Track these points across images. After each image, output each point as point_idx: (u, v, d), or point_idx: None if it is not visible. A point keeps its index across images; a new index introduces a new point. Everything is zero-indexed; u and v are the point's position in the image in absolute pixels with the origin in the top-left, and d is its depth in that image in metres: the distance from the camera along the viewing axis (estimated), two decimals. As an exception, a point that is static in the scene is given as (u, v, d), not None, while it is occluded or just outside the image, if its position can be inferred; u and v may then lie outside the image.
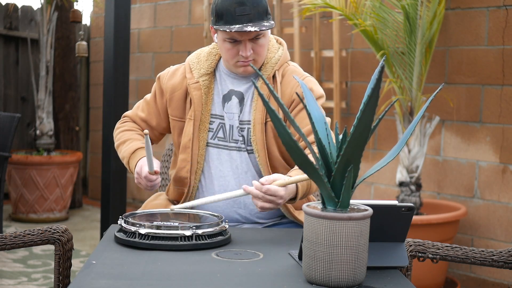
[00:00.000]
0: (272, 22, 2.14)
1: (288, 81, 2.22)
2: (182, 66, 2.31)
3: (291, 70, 2.24)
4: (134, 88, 6.05)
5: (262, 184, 1.94)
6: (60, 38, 6.10)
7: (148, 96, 2.37)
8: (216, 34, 2.20)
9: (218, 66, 2.29)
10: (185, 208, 2.04)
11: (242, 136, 2.21)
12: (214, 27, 2.15)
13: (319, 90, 2.24)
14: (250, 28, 2.07)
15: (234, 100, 2.23)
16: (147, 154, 2.07)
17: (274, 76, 2.22)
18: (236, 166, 2.21)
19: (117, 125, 2.41)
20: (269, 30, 2.21)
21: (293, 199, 2.07)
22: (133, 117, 2.38)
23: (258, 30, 2.08)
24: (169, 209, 2.10)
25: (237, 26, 2.08)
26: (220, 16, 2.11)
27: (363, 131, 1.45)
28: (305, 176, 1.95)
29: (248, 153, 2.21)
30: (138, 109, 2.39)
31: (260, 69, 2.23)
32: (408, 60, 3.81)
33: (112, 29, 3.90)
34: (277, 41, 2.32)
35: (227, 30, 2.09)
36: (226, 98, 2.24)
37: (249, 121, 2.21)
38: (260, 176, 2.19)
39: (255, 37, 2.13)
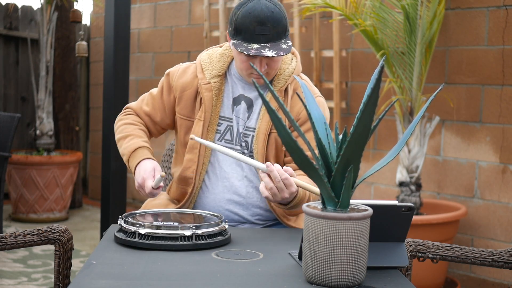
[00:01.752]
0: (290, 43, 2.12)
1: (298, 99, 2.22)
2: (193, 65, 2.29)
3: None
4: (134, 88, 6.05)
5: (285, 171, 1.95)
6: (60, 38, 6.10)
7: (154, 91, 2.34)
8: (231, 42, 2.18)
9: (229, 69, 2.28)
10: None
11: (246, 142, 2.21)
12: (232, 41, 2.13)
13: (325, 113, 2.24)
14: (268, 53, 2.06)
15: (243, 105, 2.24)
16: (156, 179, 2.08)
17: (286, 89, 2.23)
18: (242, 169, 2.22)
19: (119, 117, 2.37)
20: None
21: (284, 204, 2.07)
22: (137, 110, 2.35)
23: (275, 55, 2.07)
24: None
25: (255, 46, 2.06)
26: (239, 32, 2.09)
27: (363, 131, 1.45)
28: (315, 189, 1.96)
29: (252, 158, 2.21)
30: (143, 102, 2.35)
31: (272, 79, 2.23)
32: (408, 60, 3.81)
33: (112, 29, 3.90)
34: None
35: (245, 53, 2.07)
36: (236, 102, 2.24)
37: (254, 129, 2.21)
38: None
39: None
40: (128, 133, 2.28)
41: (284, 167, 1.98)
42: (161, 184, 2.11)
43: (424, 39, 3.74)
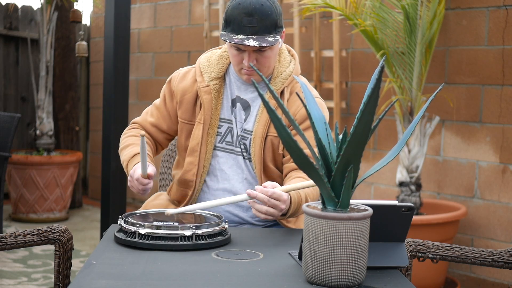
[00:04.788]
0: (278, 37, 2.11)
1: (294, 100, 2.22)
2: (192, 69, 2.30)
3: (299, 88, 2.23)
4: (134, 88, 6.05)
5: (265, 188, 1.93)
6: (60, 38, 6.10)
7: (157, 101, 2.36)
8: (220, 33, 2.20)
9: (228, 70, 2.28)
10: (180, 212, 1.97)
11: (244, 144, 2.21)
12: (221, 32, 2.14)
13: (324, 114, 2.22)
14: (251, 43, 2.06)
15: (238, 107, 2.24)
16: (141, 157, 2.03)
17: (282, 92, 2.22)
18: (242, 171, 2.22)
19: (125, 131, 2.38)
20: (281, 41, 2.19)
21: (284, 214, 2.05)
22: (143, 123, 2.36)
23: (258, 45, 2.07)
24: (169, 209, 2.09)
25: (240, 37, 2.07)
26: (228, 23, 2.11)
27: (363, 131, 1.45)
28: (307, 183, 1.95)
29: (249, 161, 2.22)
30: (147, 114, 2.36)
31: (269, 82, 2.22)
32: (408, 60, 3.81)
33: (112, 29, 3.90)
34: (289, 52, 2.30)
35: (227, 41, 2.09)
36: (234, 103, 2.25)
37: (252, 131, 2.21)
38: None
39: (259, 49, 2.12)
40: (130, 142, 2.29)
41: (264, 183, 1.96)
42: (152, 173, 2.08)
43: (424, 39, 3.74)
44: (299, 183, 1.98)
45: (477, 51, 3.96)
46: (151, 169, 2.09)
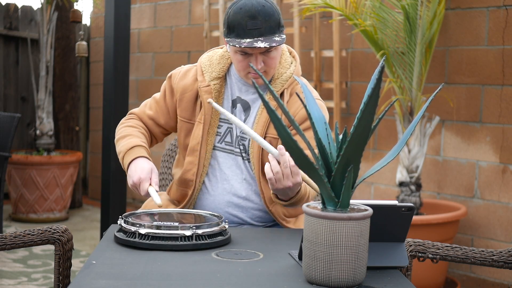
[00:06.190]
0: (284, 36, 2.12)
1: (294, 101, 2.22)
2: (194, 68, 2.30)
3: (299, 89, 2.24)
4: (134, 88, 6.05)
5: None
6: (60, 38, 6.10)
7: (157, 95, 2.36)
8: (228, 45, 2.19)
9: (229, 70, 2.28)
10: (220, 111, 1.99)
11: (243, 145, 2.22)
12: (226, 39, 2.13)
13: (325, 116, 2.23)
14: (260, 44, 2.06)
15: (239, 108, 2.24)
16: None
17: (282, 94, 2.22)
18: (241, 171, 2.22)
19: (122, 120, 2.38)
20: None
21: (285, 201, 2.06)
22: (140, 115, 2.36)
23: (268, 46, 2.07)
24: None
25: (248, 40, 2.07)
26: (232, 29, 2.10)
27: (363, 131, 1.45)
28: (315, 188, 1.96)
29: (248, 162, 2.22)
30: (146, 107, 2.37)
31: (270, 83, 2.22)
32: (408, 60, 3.81)
33: (112, 29, 3.90)
34: (290, 53, 2.30)
35: (237, 46, 2.08)
36: (234, 104, 2.25)
37: None
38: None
39: (266, 50, 2.12)
40: (127, 133, 2.29)
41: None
42: (157, 189, 2.11)
43: (424, 39, 3.74)
44: (312, 183, 1.98)
45: (477, 51, 3.96)
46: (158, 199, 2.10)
